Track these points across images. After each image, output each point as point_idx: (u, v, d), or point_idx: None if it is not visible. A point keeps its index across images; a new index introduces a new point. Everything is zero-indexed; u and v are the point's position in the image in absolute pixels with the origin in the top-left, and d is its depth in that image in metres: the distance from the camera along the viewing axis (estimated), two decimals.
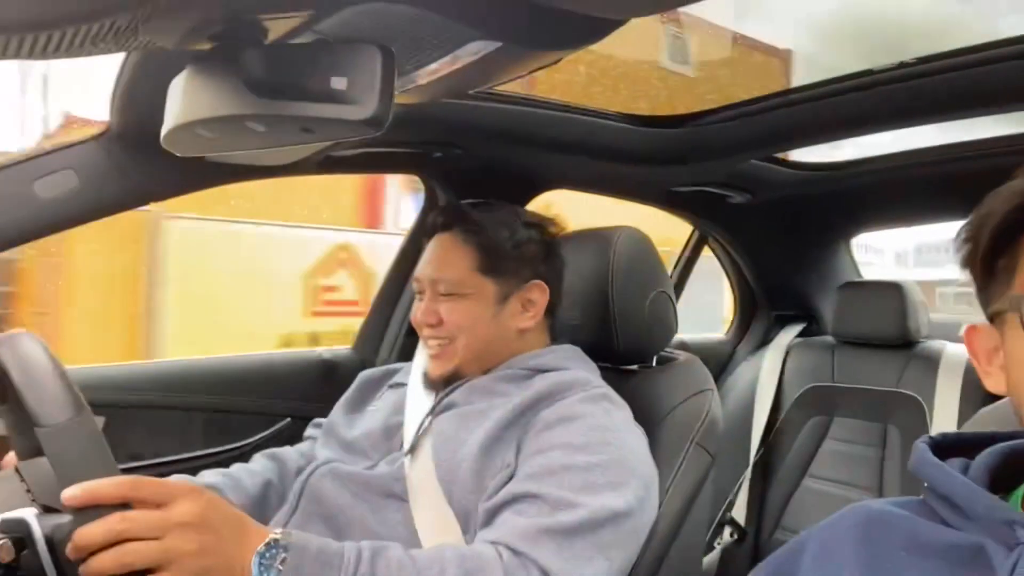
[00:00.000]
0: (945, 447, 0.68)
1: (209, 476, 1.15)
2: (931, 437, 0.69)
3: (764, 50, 2.95)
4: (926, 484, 0.65)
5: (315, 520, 1.02)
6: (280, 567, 0.71)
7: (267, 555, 0.72)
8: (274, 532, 0.74)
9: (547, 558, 0.84)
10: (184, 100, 0.60)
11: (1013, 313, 0.57)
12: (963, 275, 0.64)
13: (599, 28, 0.63)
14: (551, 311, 1.17)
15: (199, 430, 1.23)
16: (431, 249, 1.16)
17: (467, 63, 0.66)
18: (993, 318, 0.62)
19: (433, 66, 0.68)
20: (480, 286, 1.11)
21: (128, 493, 0.66)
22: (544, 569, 0.83)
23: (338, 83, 0.53)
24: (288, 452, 1.26)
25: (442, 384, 1.12)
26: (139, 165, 1.11)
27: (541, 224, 1.18)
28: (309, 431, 1.32)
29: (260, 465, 1.21)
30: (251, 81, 0.56)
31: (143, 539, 0.65)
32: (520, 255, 1.13)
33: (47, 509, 0.69)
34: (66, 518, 0.66)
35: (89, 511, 0.65)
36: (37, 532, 0.65)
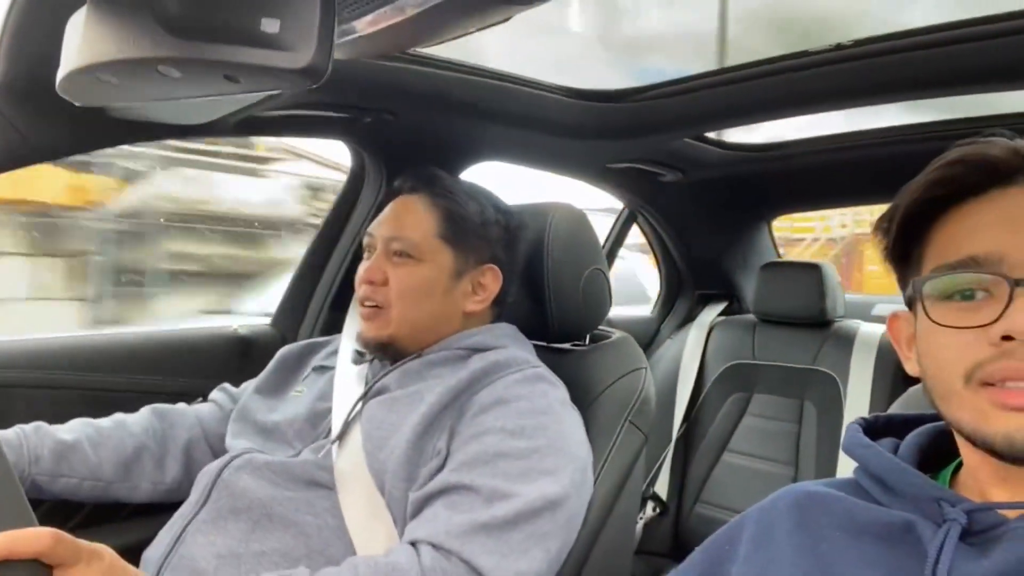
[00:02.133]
0: (876, 428, 0.69)
1: (72, 430, 1.07)
2: (864, 419, 0.71)
3: None
4: (858, 464, 0.66)
5: (228, 515, 0.94)
6: None
7: None
8: None
9: (479, 556, 0.80)
10: (84, 40, 0.52)
11: (918, 297, 0.59)
12: (884, 265, 0.66)
13: None
14: (499, 302, 1.13)
15: (105, 409, 1.13)
16: (392, 208, 1.10)
17: (412, 15, 0.60)
18: (909, 305, 0.63)
19: (375, 15, 0.61)
20: (437, 253, 1.06)
21: (45, 550, 0.58)
22: (476, 568, 0.80)
23: (269, 25, 0.46)
24: (181, 413, 1.18)
25: (375, 351, 1.07)
26: (29, 119, 0.99)
27: (509, 212, 1.14)
28: (214, 395, 1.24)
29: (140, 425, 1.12)
30: (166, 19, 0.48)
31: None
32: (484, 234, 1.09)
33: None
34: None
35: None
36: None
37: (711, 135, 1.86)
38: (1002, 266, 0.55)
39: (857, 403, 1.79)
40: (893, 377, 1.78)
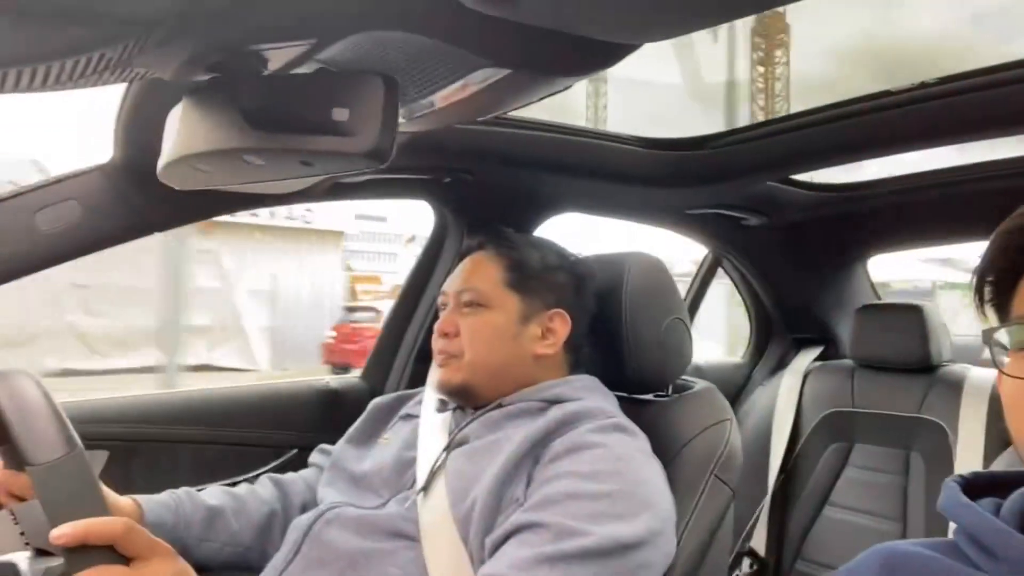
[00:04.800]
0: (976, 486, 0.65)
1: (215, 496, 1.12)
2: (962, 476, 0.67)
3: None
4: (955, 525, 0.62)
5: (317, 567, 0.98)
6: None
7: None
8: None
9: None
10: (180, 133, 0.58)
11: (991, 346, 0.56)
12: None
13: (613, 53, 0.61)
14: (572, 346, 1.14)
15: (204, 464, 1.20)
16: (461, 265, 1.17)
17: (476, 90, 0.64)
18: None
19: (440, 94, 0.65)
20: (504, 300, 1.11)
21: (118, 536, 0.63)
22: None
23: (339, 114, 0.50)
24: (293, 482, 1.23)
25: (453, 397, 1.10)
26: (142, 195, 1.09)
27: (574, 259, 1.19)
28: (314, 457, 1.29)
29: (267, 492, 1.18)
30: (249, 113, 0.53)
31: None
32: (548, 279, 1.13)
33: (40, 552, 0.68)
34: (57, 561, 0.65)
35: (79, 553, 0.62)
36: None
37: (795, 176, 1.82)
38: None
39: (969, 453, 1.67)
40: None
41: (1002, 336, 0.55)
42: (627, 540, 0.86)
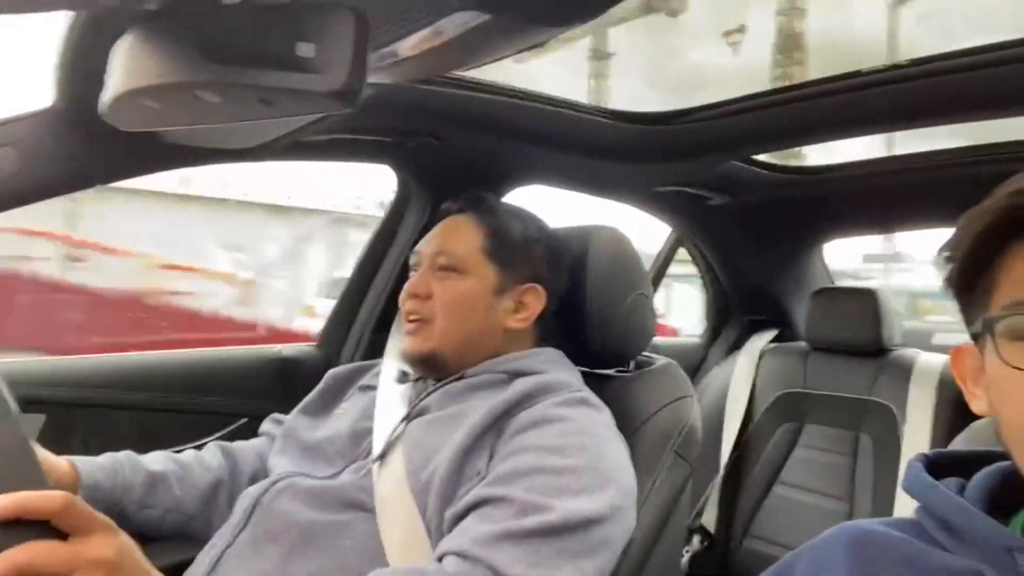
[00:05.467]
0: (940, 466, 0.65)
1: (158, 462, 1.07)
2: (925, 455, 0.67)
3: None
4: (920, 505, 0.62)
5: (265, 539, 0.94)
6: None
7: None
8: None
9: (506, 564, 0.78)
10: (127, 66, 0.53)
11: (988, 335, 0.55)
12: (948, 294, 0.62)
13: (597, 3, 0.58)
14: (541, 321, 1.12)
15: (148, 432, 1.15)
16: (439, 226, 1.13)
17: (450, 38, 0.60)
18: (975, 339, 0.60)
19: (413, 39, 0.61)
20: (481, 268, 1.08)
21: (59, 510, 0.58)
22: (499, 573, 0.77)
23: (304, 50, 0.46)
24: (243, 450, 1.19)
25: (418, 367, 1.07)
26: (85, 144, 1.02)
27: (553, 233, 1.16)
28: (265, 426, 1.25)
29: (214, 460, 1.14)
30: (204, 45, 0.49)
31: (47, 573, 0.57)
32: (527, 252, 1.11)
33: None
34: None
35: (11, 529, 0.58)
36: None
37: (760, 157, 1.82)
38: None
39: (916, 436, 1.71)
40: (955, 410, 1.70)
41: (1003, 326, 0.55)
42: (591, 515, 0.85)
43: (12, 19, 0.55)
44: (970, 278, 0.59)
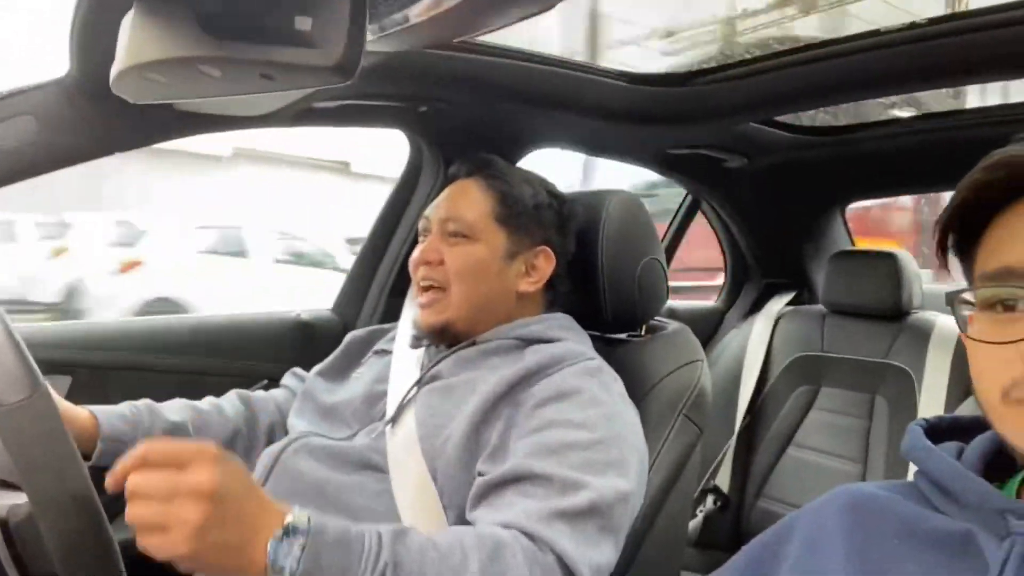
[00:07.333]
0: (939, 430, 0.66)
1: (177, 410, 1.10)
2: (926, 420, 0.68)
3: None
4: (917, 468, 0.63)
5: (285, 497, 0.97)
6: (298, 553, 0.65)
7: (284, 539, 0.65)
8: (291, 513, 0.67)
9: (562, 542, 0.79)
10: (132, 41, 0.54)
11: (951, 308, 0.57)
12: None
13: None
14: (551, 284, 1.13)
15: (171, 392, 1.18)
16: (448, 191, 1.13)
17: (452, 6, 0.60)
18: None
19: (414, 9, 0.61)
20: (492, 234, 1.08)
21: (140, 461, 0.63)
22: (559, 553, 0.79)
23: (302, 23, 0.47)
24: (263, 400, 1.21)
25: (431, 338, 1.08)
26: (101, 112, 1.03)
27: (562, 197, 1.16)
28: (287, 379, 1.27)
29: (233, 409, 1.16)
30: (206, 20, 0.49)
31: (152, 498, 0.62)
32: (537, 216, 1.11)
33: (3, 484, 0.66)
34: (23, 498, 0.63)
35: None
36: None
37: (779, 118, 1.79)
38: None
39: (932, 400, 1.70)
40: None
41: (967, 296, 0.55)
42: (625, 490, 0.88)
43: None
44: (962, 245, 0.60)
